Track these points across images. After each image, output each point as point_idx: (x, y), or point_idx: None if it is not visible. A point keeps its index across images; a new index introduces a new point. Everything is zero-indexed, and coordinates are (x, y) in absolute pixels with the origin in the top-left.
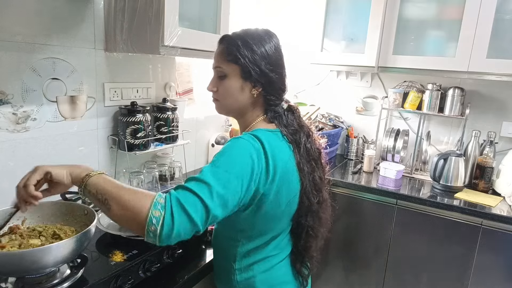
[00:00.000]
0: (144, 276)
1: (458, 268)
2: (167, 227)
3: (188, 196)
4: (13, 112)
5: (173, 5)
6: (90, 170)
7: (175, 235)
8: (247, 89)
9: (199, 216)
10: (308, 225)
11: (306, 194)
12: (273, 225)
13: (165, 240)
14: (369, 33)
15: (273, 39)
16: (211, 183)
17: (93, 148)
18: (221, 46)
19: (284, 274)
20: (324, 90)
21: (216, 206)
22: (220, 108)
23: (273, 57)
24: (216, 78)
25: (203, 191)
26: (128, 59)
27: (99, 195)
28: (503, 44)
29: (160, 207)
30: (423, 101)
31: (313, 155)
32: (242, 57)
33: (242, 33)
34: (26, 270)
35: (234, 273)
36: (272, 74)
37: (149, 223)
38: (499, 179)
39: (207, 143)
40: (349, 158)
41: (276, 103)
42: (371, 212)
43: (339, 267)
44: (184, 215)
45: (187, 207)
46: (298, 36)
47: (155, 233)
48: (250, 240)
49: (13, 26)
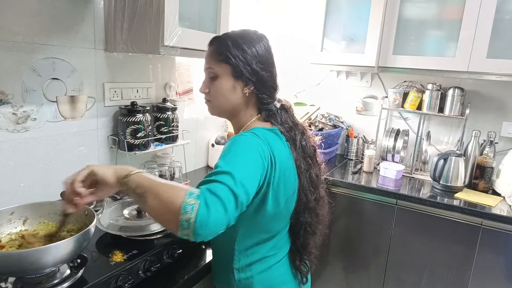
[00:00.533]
0: (144, 276)
1: (458, 268)
2: (202, 214)
3: (216, 185)
4: (13, 112)
5: (173, 5)
6: (133, 169)
7: (211, 225)
8: (239, 88)
9: (230, 203)
10: (306, 222)
11: (304, 191)
12: (271, 223)
13: (200, 229)
14: (369, 33)
15: (263, 40)
16: (231, 172)
17: (93, 148)
18: (211, 47)
19: (283, 273)
20: (324, 90)
21: (241, 192)
22: (213, 109)
23: (263, 56)
24: (207, 79)
25: (227, 179)
26: (128, 59)
27: (137, 188)
28: (503, 44)
29: (195, 197)
30: (423, 101)
31: (308, 152)
32: (233, 57)
33: (232, 34)
34: (25, 270)
35: (232, 273)
36: (263, 72)
37: (183, 211)
38: (499, 179)
39: (207, 143)
40: (349, 158)
41: (269, 102)
42: (371, 212)
43: (339, 267)
44: (218, 201)
45: (219, 194)
46: (298, 36)
47: (189, 222)
48: (247, 238)
49: (13, 26)
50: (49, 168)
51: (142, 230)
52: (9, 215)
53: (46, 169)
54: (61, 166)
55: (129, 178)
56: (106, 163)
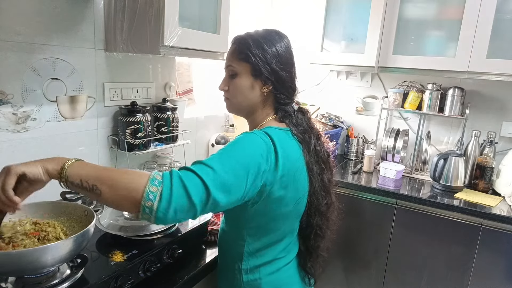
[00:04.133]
0: (144, 276)
1: (458, 268)
2: (165, 200)
3: (190, 175)
4: (13, 112)
5: (173, 5)
6: (64, 161)
7: (172, 211)
8: (258, 87)
9: (198, 196)
10: (317, 225)
11: (315, 194)
12: (280, 224)
13: (161, 215)
14: (369, 33)
15: (284, 39)
16: (215, 168)
17: (93, 148)
18: (233, 46)
19: (291, 276)
20: (324, 90)
21: (218, 190)
22: (231, 106)
23: (283, 56)
24: (227, 77)
25: (206, 173)
26: (128, 59)
27: (84, 183)
28: (503, 44)
29: (157, 183)
30: (423, 101)
31: (322, 157)
32: (253, 56)
33: (254, 34)
34: (24, 270)
35: (240, 274)
36: (282, 72)
37: (146, 198)
38: (499, 179)
39: (207, 143)
40: (349, 158)
41: (286, 102)
42: (371, 212)
43: (339, 267)
44: (183, 191)
45: (187, 184)
46: (298, 36)
47: (151, 208)
48: (257, 240)
49: (13, 26)
50: None
51: (142, 230)
52: (9, 215)
53: None
54: None
55: (67, 174)
56: (106, 163)
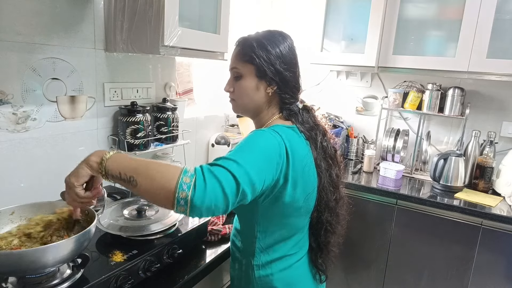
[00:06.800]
0: (144, 276)
1: (458, 268)
2: (199, 190)
3: (219, 169)
4: (13, 112)
5: (173, 5)
6: (102, 154)
7: (208, 202)
8: (262, 88)
9: (230, 188)
10: (327, 221)
11: (324, 190)
12: (291, 220)
13: (197, 205)
14: (369, 33)
15: (287, 40)
16: (240, 161)
17: (93, 148)
18: (237, 48)
19: (302, 272)
20: (324, 90)
21: (246, 182)
22: (237, 107)
23: (287, 56)
24: (232, 78)
25: (232, 166)
26: (128, 59)
27: (123, 175)
28: (503, 44)
29: (190, 175)
30: (423, 101)
31: (329, 153)
32: (257, 57)
33: (257, 35)
34: (25, 270)
35: (252, 270)
36: (286, 72)
37: (179, 189)
38: (499, 179)
39: (207, 143)
40: (349, 158)
41: (291, 102)
42: (371, 212)
43: (339, 267)
44: (216, 182)
45: (219, 176)
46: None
47: (186, 199)
48: (268, 236)
49: (13, 26)
50: (49, 168)
51: (142, 230)
52: (9, 215)
53: (46, 169)
54: (61, 166)
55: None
56: None
